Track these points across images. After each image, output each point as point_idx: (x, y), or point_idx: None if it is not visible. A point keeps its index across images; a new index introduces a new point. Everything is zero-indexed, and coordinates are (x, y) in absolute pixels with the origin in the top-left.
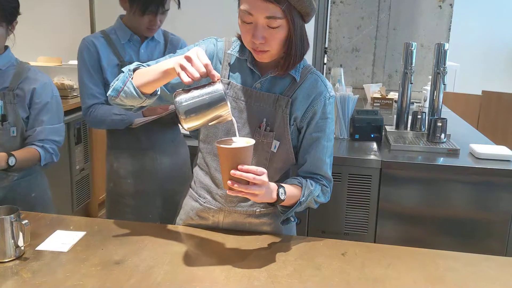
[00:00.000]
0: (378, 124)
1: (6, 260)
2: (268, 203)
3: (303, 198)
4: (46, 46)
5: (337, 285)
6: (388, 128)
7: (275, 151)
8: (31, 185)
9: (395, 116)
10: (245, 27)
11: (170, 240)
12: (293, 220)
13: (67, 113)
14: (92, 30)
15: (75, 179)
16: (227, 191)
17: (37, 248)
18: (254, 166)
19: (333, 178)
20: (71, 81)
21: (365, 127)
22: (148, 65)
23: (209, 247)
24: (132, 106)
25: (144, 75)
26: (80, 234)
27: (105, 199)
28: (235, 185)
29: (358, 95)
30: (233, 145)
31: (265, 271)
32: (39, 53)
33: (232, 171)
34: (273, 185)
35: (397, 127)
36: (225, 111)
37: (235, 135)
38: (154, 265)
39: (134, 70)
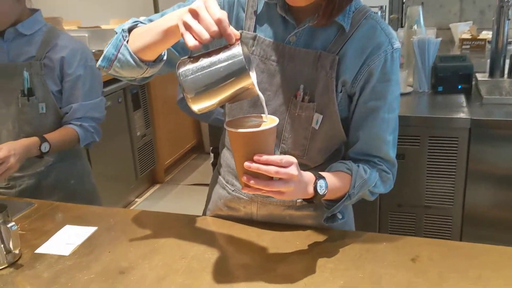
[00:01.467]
0: (467, 72)
1: None
2: (304, 199)
3: (353, 190)
4: (119, 7)
5: None
6: (479, 76)
7: (317, 128)
8: (69, 170)
9: (488, 61)
10: None
11: (191, 238)
12: (340, 217)
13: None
14: None
15: (136, 146)
16: (242, 189)
17: (36, 251)
18: (278, 155)
19: (410, 141)
20: None
21: (450, 76)
22: (151, 21)
23: (237, 247)
24: (132, 77)
25: (142, 36)
26: (89, 231)
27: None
28: (252, 181)
29: (441, 38)
30: (246, 128)
31: (304, 286)
32: (112, 15)
33: (247, 163)
34: (309, 177)
35: (491, 74)
36: (248, 84)
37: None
38: (164, 276)
39: (130, 30)
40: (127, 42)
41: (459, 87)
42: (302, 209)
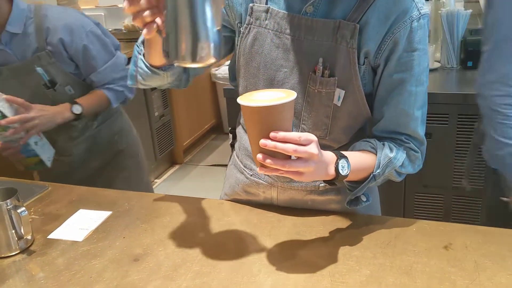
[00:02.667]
0: None
1: (9, 255)
2: (324, 180)
3: (378, 170)
4: None
5: None
6: None
7: (339, 105)
8: (112, 127)
9: None
10: None
11: (208, 223)
12: (365, 200)
13: None
14: None
15: (154, 126)
16: (258, 170)
17: (49, 237)
18: (296, 132)
19: (438, 120)
20: None
21: (480, 51)
22: None
23: (256, 232)
24: (162, 85)
25: (147, 43)
26: (104, 215)
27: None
28: (268, 160)
29: (471, 10)
30: (260, 103)
31: (328, 275)
32: None
33: (262, 141)
34: (329, 156)
35: None
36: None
37: (280, 86)
38: (181, 264)
39: (144, 42)
40: (143, 55)
41: None
42: (325, 193)
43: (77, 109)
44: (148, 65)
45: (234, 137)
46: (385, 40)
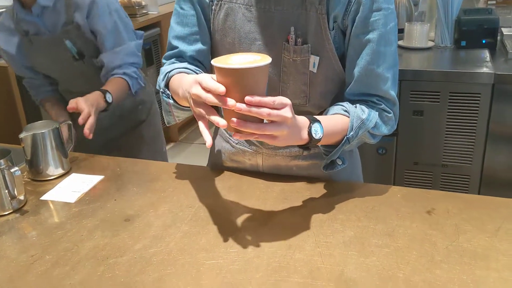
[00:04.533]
0: (492, 26)
1: (2, 214)
2: (299, 146)
3: (352, 133)
4: None
5: (415, 263)
6: (505, 31)
7: (315, 71)
8: (136, 98)
9: None
10: None
11: (199, 188)
12: (340, 163)
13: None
14: None
15: None
16: (233, 135)
17: (42, 198)
18: (270, 96)
19: (430, 97)
20: None
21: (474, 31)
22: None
23: (245, 197)
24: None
25: (175, 93)
26: (96, 179)
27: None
28: (242, 125)
29: None
30: (236, 65)
31: (313, 236)
32: None
33: (237, 105)
34: (303, 121)
35: None
36: None
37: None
38: (171, 224)
39: (167, 85)
40: (171, 97)
41: (483, 41)
42: (309, 158)
43: (109, 98)
44: (183, 106)
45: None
46: (351, 1)
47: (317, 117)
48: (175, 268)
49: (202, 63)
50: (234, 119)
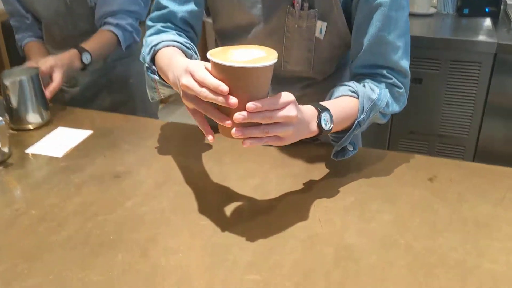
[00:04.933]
0: None
1: None
2: (308, 138)
3: (363, 116)
4: None
5: (417, 229)
6: (509, 0)
7: (322, 38)
8: (128, 69)
9: None
10: None
11: (193, 147)
12: (351, 149)
13: None
14: None
15: None
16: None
17: (27, 151)
18: (271, 96)
19: (430, 65)
20: None
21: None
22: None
23: (240, 157)
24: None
25: (162, 71)
26: (84, 134)
27: None
28: (243, 132)
29: None
30: (241, 63)
31: (311, 200)
32: None
33: (238, 116)
34: (310, 113)
35: None
36: None
37: (256, 24)
38: (163, 183)
39: (152, 59)
40: (157, 73)
41: (486, 10)
42: None
43: (86, 58)
44: (168, 83)
45: None
46: None
47: (325, 103)
48: (168, 228)
49: (193, 28)
50: (234, 130)
